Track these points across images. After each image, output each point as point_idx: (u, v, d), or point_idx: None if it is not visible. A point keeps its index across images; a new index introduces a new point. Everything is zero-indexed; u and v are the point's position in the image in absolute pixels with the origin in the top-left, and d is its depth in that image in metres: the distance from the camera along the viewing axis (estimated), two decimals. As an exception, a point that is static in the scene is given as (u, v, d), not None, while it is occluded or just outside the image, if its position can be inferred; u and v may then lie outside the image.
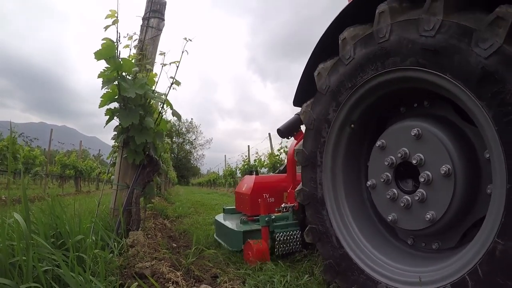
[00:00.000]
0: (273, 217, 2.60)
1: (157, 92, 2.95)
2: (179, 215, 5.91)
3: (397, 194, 1.62)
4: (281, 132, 2.97)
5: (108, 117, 2.74)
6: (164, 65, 2.86)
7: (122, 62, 2.52)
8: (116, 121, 2.75)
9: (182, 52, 2.82)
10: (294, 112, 3.05)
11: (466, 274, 1.21)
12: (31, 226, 1.57)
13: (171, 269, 2.04)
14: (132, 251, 2.26)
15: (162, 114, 3.05)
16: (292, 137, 3.05)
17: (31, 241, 1.47)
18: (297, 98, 2.25)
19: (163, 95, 2.92)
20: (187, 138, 68.80)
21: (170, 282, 1.86)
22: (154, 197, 6.55)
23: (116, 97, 2.65)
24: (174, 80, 2.89)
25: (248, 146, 17.16)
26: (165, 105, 2.98)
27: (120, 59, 2.53)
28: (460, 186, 1.39)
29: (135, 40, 2.88)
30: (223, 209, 3.80)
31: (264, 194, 3.10)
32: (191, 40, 2.79)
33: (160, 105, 3.00)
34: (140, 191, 2.91)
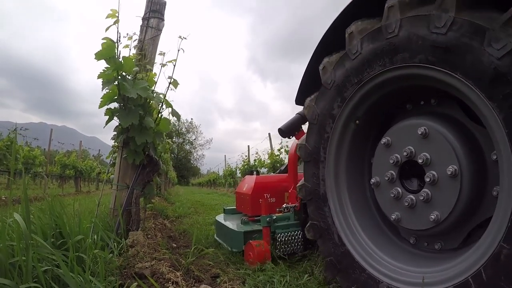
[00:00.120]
0: (274, 218, 2.59)
1: (157, 92, 2.95)
2: (179, 215, 5.91)
3: (401, 193, 1.60)
4: (283, 132, 2.95)
5: (108, 117, 2.74)
6: (164, 65, 2.86)
7: (123, 62, 2.52)
8: (116, 121, 2.75)
9: (178, 51, 2.82)
10: (295, 112, 3.04)
11: (470, 277, 1.20)
12: (31, 226, 1.57)
13: (171, 269, 2.04)
14: (132, 251, 2.26)
15: (162, 114, 3.05)
16: (294, 137, 3.04)
17: (31, 241, 1.47)
18: (299, 96, 2.21)
19: (161, 95, 2.92)
20: (187, 138, 68.86)
21: (170, 282, 1.85)
22: (154, 197, 6.56)
23: (116, 97, 2.65)
24: (172, 80, 2.89)
25: (248, 146, 17.17)
26: (164, 105, 2.98)
27: (121, 59, 2.53)
28: (466, 187, 1.37)
29: (135, 40, 2.88)
30: (224, 210, 3.77)
31: (265, 194, 3.08)
32: (186, 38, 2.79)
33: (160, 105, 3.00)
34: (140, 191, 2.91)
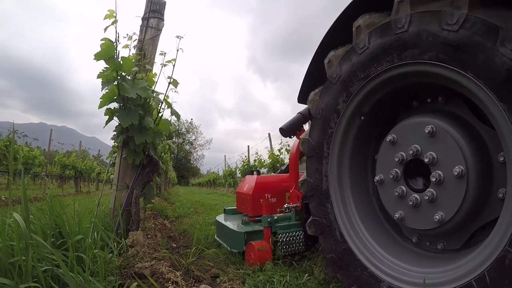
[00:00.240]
0: (276, 218, 2.57)
1: (157, 92, 2.95)
2: (179, 215, 5.91)
3: (406, 192, 1.57)
4: (284, 131, 2.93)
5: (108, 117, 2.74)
6: (164, 66, 2.86)
7: (122, 62, 2.52)
8: (116, 121, 2.76)
9: (177, 50, 2.82)
10: (295, 112, 3.02)
11: (473, 280, 1.19)
12: (31, 226, 1.57)
13: (171, 269, 2.04)
14: (132, 251, 2.26)
15: (162, 114, 3.05)
16: (295, 136, 3.02)
17: (31, 241, 1.47)
18: (302, 95, 2.16)
19: (161, 94, 2.92)
20: (187, 139, 68.86)
21: (170, 282, 1.85)
22: (154, 197, 6.56)
23: (116, 97, 2.65)
24: (172, 80, 2.89)
25: (248, 146, 17.18)
26: (164, 105, 2.98)
27: (120, 59, 2.53)
28: (472, 189, 1.35)
29: (135, 40, 2.88)
30: (224, 210, 3.75)
31: (266, 194, 3.06)
32: (183, 37, 2.78)
33: (160, 105, 3.00)
34: (140, 191, 2.91)
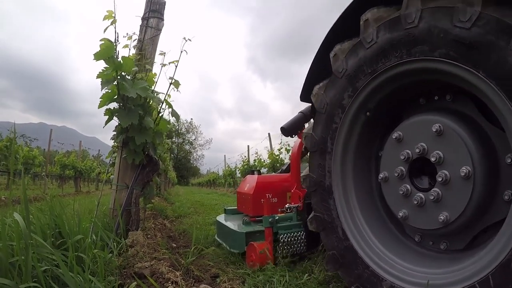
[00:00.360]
0: (277, 218, 2.54)
1: (157, 92, 2.95)
2: (179, 215, 5.91)
3: (410, 191, 1.55)
4: (285, 131, 2.90)
5: (108, 117, 2.74)
6: (164, 65, 2.86)
7: (122, 61, 2.52)
8: (116, 121, 2.76)
9: (181, 52, 2.81)
10: (294, 112, 3.01)
11: (477, 283, 1.18)
12: (31, 226, 1.57)
13: (171, 269, 2.04)
14: (132, 251, 2.26)
15: (162, 114, 3.05)
16: (296, 136, 3.00)
17: (31, 241, 1.47)
18: (305, 92, 2.10)
19: (161, 94, 2.92)
20: (187, 138, 68.88)
21: (170, 282, 1.85)
22: (154, 197, 6.55)
23: (116, 97, 2.65)
24: (173, 81, 2.89)
25: (248, 146, 17.19)
26: (165, 105, 2.98)
27: (120, 59, 2.53)
28: (478, 190, 1.33)
29: (134, 40, 2.88)
30: (225, 210, 3.74)
31: (267, 194, 3.03)
32: (190, 40, 2.78)
33: (160, 105, 3.00)
34: (140, 191, 2.91)
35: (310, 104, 2.31)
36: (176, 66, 2.86)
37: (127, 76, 2.65)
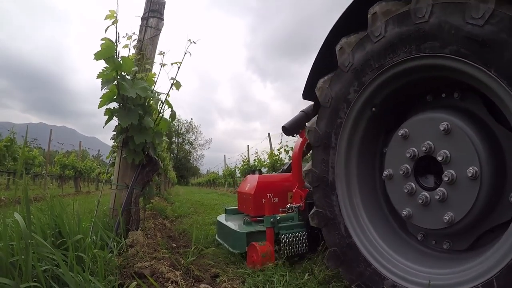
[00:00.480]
0: (278, 218, 2.52)
1: (157, 92, 2.95)
2: (179, 215, 5.91)
3: (415, 189, 1.52)
4: (286, 130, 2.87)
5: (108, 117, 2.74)
6: (164, 65, 2.86)
7: (122, 61, 2.52)
8: (116, 121, 2.76)
9: (185, 54, 2.79)
10: (294, 112, 2.99)
11: (480, 285, 1.18)
12: (31, 226, 1.57)
13: (171, 269, 2.04)
14: (132, 251, 2.26)
15: (162, 114, 3.05)
16: (298, 135, 2.98)
17: (31, 241, 1.47)
18: (308, 90, 2.06)
19: (162, 94, 2.92)
20: (187, 138, 68.90)
21: (170, 282, 1.85)
22: (154, 197, 6.56)
23: (115, 97, 2.65)
24: (175, 82, 2.88)
25: (248, 146, 17.20)
26: (165, 105, 2.98)
27: (120, 59, 2.53)
28: (485, 191, 1.30)
29: (134, 40, 2.88)
30: (225, 210, 3.71)
31: (268, 194, 3.01)
32: (195, 43, 2.75)
33: (160, 105, 3.00)
34: (140, 191, 2.91)
35: (312, 103, 2.29)
36: (179, 68, 2.85)
37: (127, 76, 2.65)
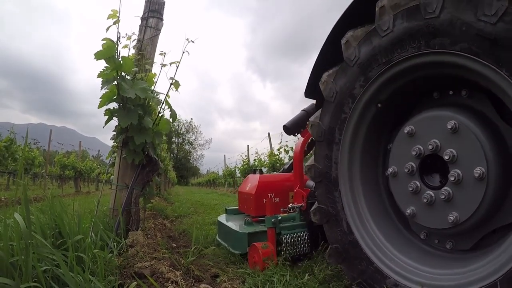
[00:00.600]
0: (280, 218, 2.49)
1: (157, 92, 2.95)
2: (179, 215, 5.91)
3: (420, 188, 1.49)
4: (287, 129, 2.85)
5: (107, 117, 2.74)
6: (164, 66, 2.86)
7: (122, 62, 2.52)
8: (115, 121, 2.76)
9: (183, 53, 2.80)
10: (294, 112, 2.99)
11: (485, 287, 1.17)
12: (31, 226, 1.57)
13: (171, 269, 2.04)
14: (132, 251, 2.26)
15: (163, 114, 3.05)
16: (299, 134, 2.95)
17: (31, 241, 1.47)
18: (310, 87, 2.01)
19: (161, 94, 2.92)
20: (187, 139, 68.92)
21: (170, 282, 1.85)
22: (154, 197, 6.56)
23: (115, 97, 2.65)
24: (174, 81, 2.88)
25: (248, 146, 17.20)
26: (165, 105, 2.98)
27: (120, 59, 2.53)
28: (491, 192, 1.28)
29: (134, 40, 2.88)
30: (226, 210, 3.70)
31: (269, 194, 2.99)
32: (193, 42, 2.76)
33: (160, 106, 3.00)
34: (140, 191, 2.91)
35: (313, 102, 2.26)
36: (177, 67, 2.85)
37: (127, 76, 2.65)
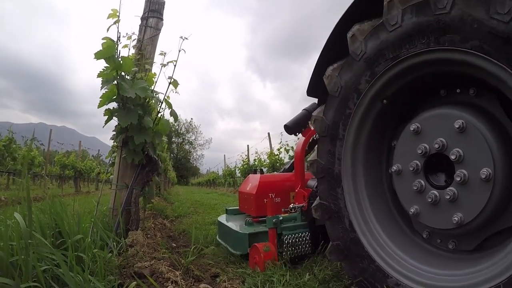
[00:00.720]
0: (281, 219, 2.46)
1: (156, 92, 2.95)
2: (179, 215, 5.91)
3: (425, 187, 1.47)
4: (289, 128, 2.83)
5: (107, 117, 2.74)
6: (164, 66, 2.86)
7: (122, 61, 2.52)
8: (115, 121, 2.76)
9: (179, 51, 2.81)
10: (294, 112, 2.98)
11: None
12: (31, 226, 1.57)
13: (170, 269, 2.04)
14: (131, 251, 2.26)
15: (163, 114, 3.06)
16: (300, 134, 2.92)
17: (31, 241, 1.47)
18: (312, 85, 1.97)
19: (160, 94, 2.92)
20: (187, 138, 68.94)
21: (169, 282, 1.85)
22: (154, 197, 6.56)
23: (115, 97, 2.66)
24: (172, 80, 2.89)
25: (248, 146, 17.21)
26: (164, 105, 2.99)
27: (120, 58, 2.53)
28: (497, 193, 1.26)
29: (134, 40, 2.88)
30: (226, 210, 3.68)
31: (270, 194, 2.97)
32: (187, 39, 2.78)
33: (159, 105, 3.00)
34: (139, 191, 2.91)
35: (315, 101, 2.25)
36: (175, 66, 2.86)
37: (127, 76, 2.65)
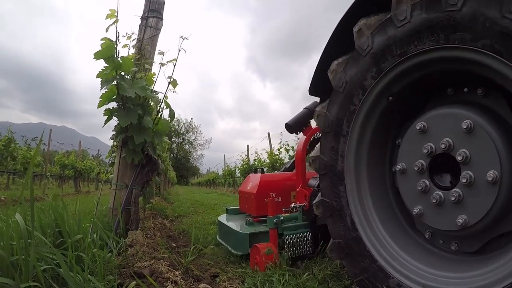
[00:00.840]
0: (282, 218, 2.45)
1: (156, 91, 2.95)
2: (179, 215, 5.92)
3: (429, 187, 1.45)
4: (290, 127, 2.82)
5: (107, 117, 2.74)
6: (163, 65, 2.87)
7: (122, 61, 2.52)
8: (115, 121, 2.76)
9: (179, 51, 2.82)
10: (294, 112, 2.98)
11: None
12: (30, 226, 1.57)
13: (170, 269, 2.04)
14: (131, 251, 2.26)
15: (162, 114, 3.06)
16: (301, 133, 2.91)
17: (31, 241, 1.47)
18: (315, 85, 1.94)
19: (160, 93, 2.93)
20: (187, 138, 68.95)
21: (169, 282, 1.85)
22: (153, 197, 6.56)
23: (115, 97, 2.66)
24: (172, 80, 2.89)
25: (248, 146, 17.21)
26: (164, 105, 2.99)
27: (120, 58, 2.53)
28: (503, 196, 1.24)
29: (134, 40, 2.88)
30: (226, 210, 3.66)
31: (271, 194, 2.96)
32: (187, 38, 2.78)
33: (159, 105, 3.00)
34: (139, 191, 2.91)
35: (316, 100, 2.23)
36: (175, 65, 2.86)
37: (127, 76, 2.65)
